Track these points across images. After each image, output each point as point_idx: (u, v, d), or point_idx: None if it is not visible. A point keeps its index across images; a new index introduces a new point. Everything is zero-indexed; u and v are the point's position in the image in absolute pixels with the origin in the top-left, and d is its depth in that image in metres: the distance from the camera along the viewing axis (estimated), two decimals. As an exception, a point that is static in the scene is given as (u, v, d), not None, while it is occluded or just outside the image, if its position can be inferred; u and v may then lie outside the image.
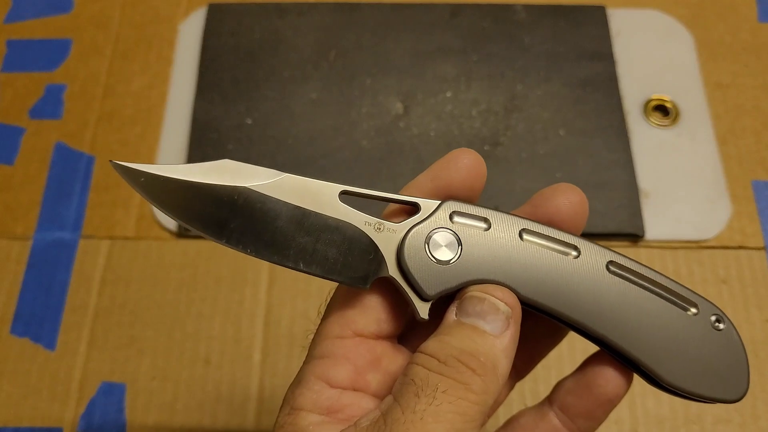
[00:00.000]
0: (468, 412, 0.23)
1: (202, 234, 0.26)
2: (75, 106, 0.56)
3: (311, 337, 0.28)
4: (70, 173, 0.53)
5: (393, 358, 0.27)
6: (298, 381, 0.26)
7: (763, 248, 0.50)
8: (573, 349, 0.44)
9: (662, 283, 0.27)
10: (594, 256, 0.27)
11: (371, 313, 0.27)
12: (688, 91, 0.56)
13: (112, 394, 0.45)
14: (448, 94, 0.56)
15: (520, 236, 0.27)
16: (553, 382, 0.30)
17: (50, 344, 0.47)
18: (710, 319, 0.27)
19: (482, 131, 0.54)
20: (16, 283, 0.49)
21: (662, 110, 0.55)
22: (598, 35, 0.58)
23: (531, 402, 0.43)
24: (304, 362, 0.27)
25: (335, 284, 0.28)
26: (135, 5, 0.61)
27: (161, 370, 0.46)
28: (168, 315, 0.48)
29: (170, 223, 0.51)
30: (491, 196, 0.51)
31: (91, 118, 0.56)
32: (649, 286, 0.27)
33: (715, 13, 0.59)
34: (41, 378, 0.46)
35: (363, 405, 0.26)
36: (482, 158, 0.28)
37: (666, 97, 0.56)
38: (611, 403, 0.28)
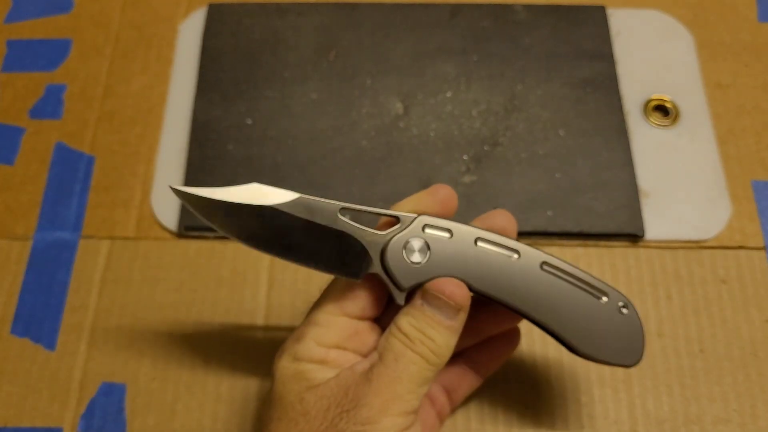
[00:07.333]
0: (428, 375, 0.34)
1: (239, 242, 0.35)
2: (75, 106, 0.56)
3: (314, 301, 0.37)
4: (70, 173, 0.53)
5: (369, 333, 0.36)
6: (297, 337, 0.35)
7: (763, 248, 0.50)
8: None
9: (582, 278, 0.35)
10: (531, 257, 0.35)
11: (358, 302, 0.35)
12: (688, 91, 0.56)
13: (112, 394, 0.45)
14: (448, 94, 0.56)
15: (475, 242, 0.35)
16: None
17: (50, 344, 0.47)
18: (617, 305, 0.35)
19: (482, 131, 0.54)
20: (16, 283, 0.49)
21: (662, 110, 0.55)
22: (598, 35, 0.58)
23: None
24: (302, 323, 0.36)
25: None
26: (135, 5, 0.61)
27: (161, 370, 0.46)
28: (168, 315, 0.48)
29: (170, 223, 0.51)
30: (491, 197, 0.51)
31: (91, 118, 0.56)
32: (572, 280, 0.35)
33: (715, 13, 0.59)
34: (41, 378, 0.46)
35: (347, 358, 0.35)
36: (455, 193, 0.37)
37: (666, 97, 0.56)
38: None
